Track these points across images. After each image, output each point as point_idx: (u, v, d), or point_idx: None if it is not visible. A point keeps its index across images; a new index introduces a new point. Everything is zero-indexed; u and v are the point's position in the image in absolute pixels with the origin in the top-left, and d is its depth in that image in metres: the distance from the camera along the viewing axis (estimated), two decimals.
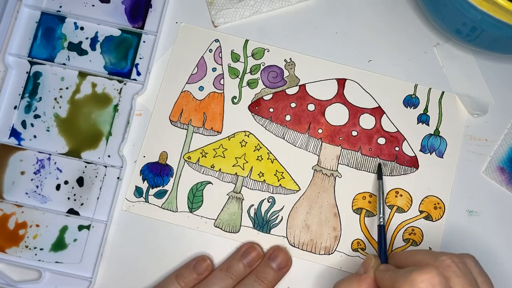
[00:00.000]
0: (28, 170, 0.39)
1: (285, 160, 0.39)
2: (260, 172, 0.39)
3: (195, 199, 0.39)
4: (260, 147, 0.39)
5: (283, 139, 0.40)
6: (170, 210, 0.39)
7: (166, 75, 0.40)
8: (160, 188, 0.39)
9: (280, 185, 0.39)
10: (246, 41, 0.41)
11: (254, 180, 0.39)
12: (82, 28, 0.41)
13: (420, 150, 0.40)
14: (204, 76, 0.40)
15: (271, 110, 0.40)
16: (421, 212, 0.39)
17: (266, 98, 0.40)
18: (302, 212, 0.39)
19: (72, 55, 0.40)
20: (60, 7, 0.41)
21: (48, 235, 0.38)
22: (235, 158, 0.39)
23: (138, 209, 0.38)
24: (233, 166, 0.39)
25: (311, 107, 0.40)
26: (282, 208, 0.39)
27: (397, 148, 0.40)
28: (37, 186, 0.39)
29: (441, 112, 0.40)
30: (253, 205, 0.39)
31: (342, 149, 0.39)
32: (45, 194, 0.39)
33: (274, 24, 0.41)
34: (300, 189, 0.39)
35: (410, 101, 0.40)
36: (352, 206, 0.39)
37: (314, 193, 0.39)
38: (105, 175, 0.39)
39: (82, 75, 0.40)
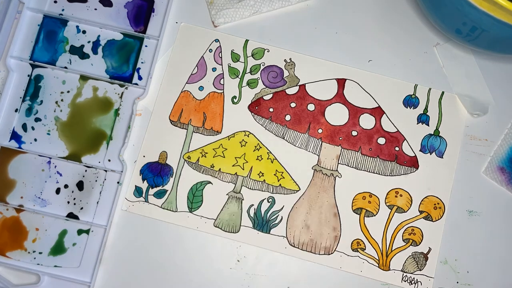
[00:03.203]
0: (28, 174, 0.35)
1: (285, 160, 0.36)
2: (260, 172, 0.35)
3: (195, 199, 0.35)
4: (260, 147, 0.36)
5: (283, 138, 0.36)
6: (170, 210, 0.35)
7: (166, 75, 0.37)
8: (160, 188, 0.35)
9: (280, 185, 0.35)
10: (246, 41, 0.37)
11: (254, 180, 0.35)
12: (84, 32, 0.37)
13: (420, 150, 0.36)
14: (204, 76, 0.37)
15: (271, 110, 0.37)
16: (421, 212, 0.35)
17: (266, 98, 0.37)
18: (302, 212, 0.35)
19: (73, 59, 0.37)
20: (63, 10, 0.37)
21: (47, 239, 0.34)
22: (235, 158, 0.36)
23: (137, 209, 0.35)
24: (233, 166, 0.35)
25: (311, 107, 0.37)
26: (282, 208, 0.35)
27: (397, 148, 0.36)
28: (37, 190, 0.35)
29: (441, 112, 0.37)
30: (253, 205, 0.35)
31: (342, 149, 0.36)
32: (45, 198, 0.35)
33: (274, 24, 0.38)
34: (300, 189, 0.35)
35: (410, 101, 0.37)
36: (352, 206, 0.35)
37: (314, 193, 0.35)
38: (105, 179, 0.35)
39: (84, 78, 0.36)
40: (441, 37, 0.38)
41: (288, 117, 0.36)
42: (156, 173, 0.35)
